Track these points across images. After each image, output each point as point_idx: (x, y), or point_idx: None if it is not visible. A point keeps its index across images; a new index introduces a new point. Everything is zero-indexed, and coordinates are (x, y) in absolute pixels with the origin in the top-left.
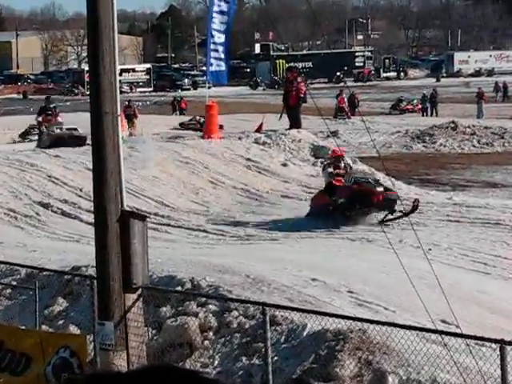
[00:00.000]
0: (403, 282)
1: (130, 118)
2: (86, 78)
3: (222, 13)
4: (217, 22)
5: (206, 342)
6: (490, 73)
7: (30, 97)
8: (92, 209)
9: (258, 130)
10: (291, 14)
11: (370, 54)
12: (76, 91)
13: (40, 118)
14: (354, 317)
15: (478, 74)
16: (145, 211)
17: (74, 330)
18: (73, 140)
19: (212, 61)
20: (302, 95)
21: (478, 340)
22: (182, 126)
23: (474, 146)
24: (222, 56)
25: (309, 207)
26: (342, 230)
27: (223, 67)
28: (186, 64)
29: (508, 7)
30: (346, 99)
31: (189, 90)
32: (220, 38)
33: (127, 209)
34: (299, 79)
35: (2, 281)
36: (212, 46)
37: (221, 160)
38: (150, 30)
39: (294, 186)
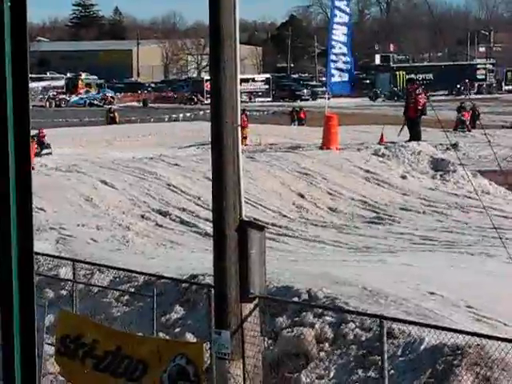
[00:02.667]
0: None
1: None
2: (206, 86)
3: (343, 24)
4: (337, 34)
5: (322, 354)
6: None
7: (151, 105)
8: (210, 218)
9: (382, 140)
10: (412, 25)
11: (491, 66)
12: (195, 100)
13: None
14: (473, 332)
15: None
16: (263, 221)
17: (190, 337)
18: None
19: (333, 71)
20: (419, 107)
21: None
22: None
23: None
24: (345, 67)
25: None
26: (461, 244)
27: (346, 78)
28: (306, 74)
29: None
30: (469, 113)
31: (308, 100)
32: (341, 48)
33: (246, 219)
34: (419, 91)
35: (120, 287)
36: (333, 57)
37: (339, 171)
38: (270, 40)
39: (412, 198)
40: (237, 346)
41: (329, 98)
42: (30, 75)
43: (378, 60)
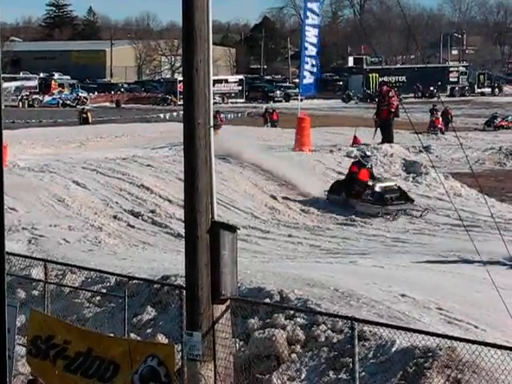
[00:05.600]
0: (495, 300)
1: (216, 128)
2: (179, 87)
3: (314, 26)
4: (310, 36)
5: (294, 355)
6: None
7: (124, 105)
8: (183, 219)
9: (355, 142)
10: (385, 28)
11: (464, 69)
12: (169, 101)
13: None
14: (444, 334)
15: None
16: (235, 223)
17: (162, 339)
18: None
19: (305, 73)
20: (392, 110)
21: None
22: None
23: None
24: (313, 69)
25: None
26: (434, 248)
27: (313, 80)
28: (279, 76)
29: None
30: (440, 119)
31: (281, 101)
32: (313, 51)
33: (218, 220)
34: (391, 93)
35: (92, 288)
36: (306, 59)
37: (312, 173)
38: (243, 42)
39: None
40: (208, 347)
41: (301, 100)
42: (2, 75)
43: (351, 62)
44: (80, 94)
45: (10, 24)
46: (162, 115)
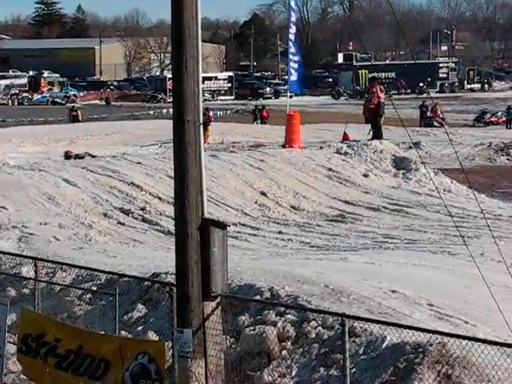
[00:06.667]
0: (485, 296)
1: (205, 125)
2: (169, 85)
3: (293, 23)
4: (291, 32)
5: (284, 352)
6: None
7: (113, 103)
8: (173, 216)
9: (345, 139)
10: (375, 24)
11: (454, 65)
12: (158, 98)
13: None
14: (434, 330)
15: None
16: (225, 219)
17: (152, 336)
18: None
19: (292, 71)
20: (371, 106)
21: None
22: None
23: None
24: (296, 66)
25: None
26: (423, 242)
27: (296, 77)
28: (268, 73)
29: None
30: (439, 111)
31: (270, 98)
32: (292, 48)
33: (208, 217)
34: (374, 89)
35: (83, 286)
36: (291, 56)
37: (301, 170)
38: (232, 39)
39: (375, 196)
40: (199, 344)
41: (291, 97)
42: None
43: (340, 59)
44: (70, 92)
45: None
46: (151, 112)
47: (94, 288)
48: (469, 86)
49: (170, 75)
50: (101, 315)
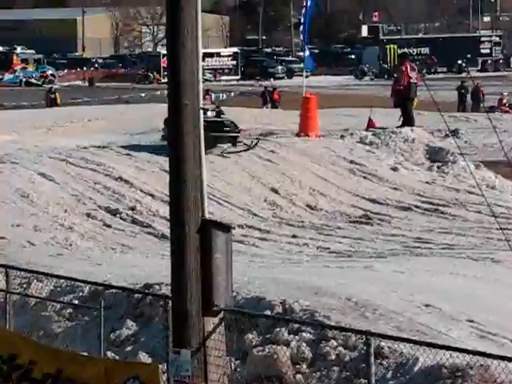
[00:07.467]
0: None
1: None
2: (163, 63)
3: None
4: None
5: (299, 376)
6: None
7: (98, 84)
8: (168, 217)
9: (370, 126)
10: None
11: (498, 39)
12: (151, 78)
13: None
14: (475, 350)
15: None
16: (229, 221)
17: (144, 358)
18: None
19: (306, 46)
20: (399, 87)
21: None
22: None
23: None
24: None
25: None
26: (462, 248)
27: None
28: (280, 48)
29: None
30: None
31: (283, 78)
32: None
33: (209, 218)
34: (403, 68)
35: (62, 299)
36: (301, 29)
37: (319, 162)
38: (238, 8)
39: (405, 194)
40: (199, 367)
41: (307, 77)
42: None
43: (364, 32)
44: (47, 71)
45: None
46: (142, 95)
47: (76, 301)
48: None
49: (164, 51)
50: (83, 333)
